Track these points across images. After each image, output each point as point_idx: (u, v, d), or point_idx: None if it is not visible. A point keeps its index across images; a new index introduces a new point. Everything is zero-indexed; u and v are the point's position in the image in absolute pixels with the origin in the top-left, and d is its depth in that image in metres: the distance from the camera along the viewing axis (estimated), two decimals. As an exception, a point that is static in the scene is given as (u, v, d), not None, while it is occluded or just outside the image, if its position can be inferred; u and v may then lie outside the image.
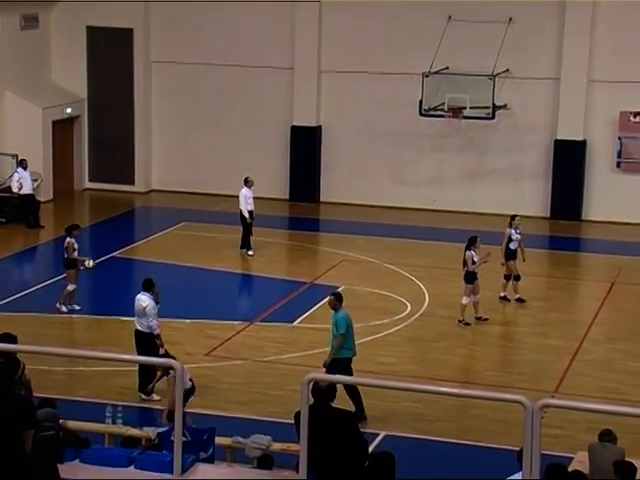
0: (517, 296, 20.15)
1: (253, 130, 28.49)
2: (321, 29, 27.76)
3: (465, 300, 18.83)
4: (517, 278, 20.08)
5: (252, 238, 23.17)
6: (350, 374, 14.36)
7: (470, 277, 18.86)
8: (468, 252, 18.87)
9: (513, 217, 20.54)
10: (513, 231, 20.11)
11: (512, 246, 20.07)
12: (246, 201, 23.08)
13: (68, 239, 19.05)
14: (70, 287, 19.03)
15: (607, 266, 23.12)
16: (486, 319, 18.98)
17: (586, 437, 12.49)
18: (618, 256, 23.66)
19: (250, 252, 23.03)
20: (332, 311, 15.07)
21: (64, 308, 18.96)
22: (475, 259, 18.82)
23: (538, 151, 27.12)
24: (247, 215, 23.00)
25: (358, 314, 19.30)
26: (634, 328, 18.87)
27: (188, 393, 13.80)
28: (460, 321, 18.78)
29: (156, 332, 15.30)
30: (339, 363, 14.56)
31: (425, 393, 13.01)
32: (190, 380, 13.91)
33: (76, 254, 19.02)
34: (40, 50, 28.69)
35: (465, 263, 18.87)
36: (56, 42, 28.95)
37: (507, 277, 20.15)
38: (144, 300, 15.35)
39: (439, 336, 18.43)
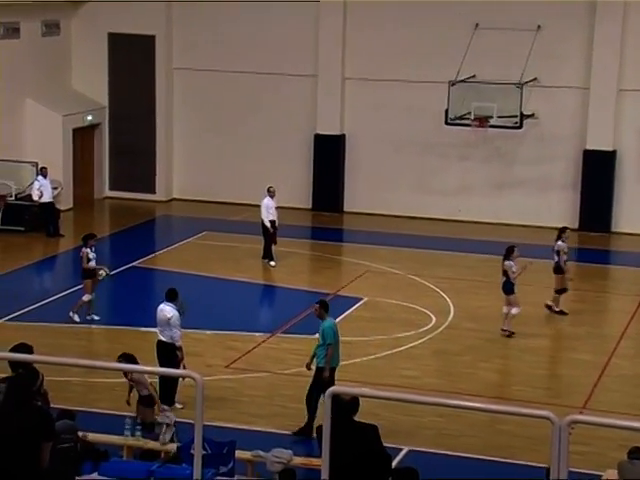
0: (559, 309, 20.16)
1: (276, 138, 28.54)
2: (345, 35, 27.80)
3: (515, 310, 18.82)
4: (562, 291, 20.20)
5: (274, 248, 23.19)
6: (332, 384, 14.47)
7: (509, 287, 18.84)
8: (507, 262, 18.85)
9: (564, 230, 20.56)
10: (565, 244, 20.14)
11: (564, 259, 20.14)
12: (268, 211, 23.10)
13: (84, 249, 19.12)
14: (85, 297, 19.08)
15: (637, 279, 22.98)
16: (512, 333, 18.91)
17: (615, 454, 12.41)
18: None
19: (272, 262, 23.04)
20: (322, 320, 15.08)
21: (76, 317, 19.01)
22: (514, 269, 18.79)
23: (566, 161, 27.02)
24: (269, 225, 23.02)
25: (381, 326, 19.29)
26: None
27: (148, 399, 13.80)
28: (504, 330, 18.86)
29: (178, 344, 15.33)
30: (324, 376, 14.65)
31: (449, 408, 12.99)
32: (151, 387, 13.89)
33: (93, 264, 19.07)
34: (61, 57, 28.88)
35: (505, 273, 18.87)
36: (77, 49, 29.13)
37: (560, 291, 20.14)
38: (168, 311, 15.38)
39: (464, 349, 18.36)
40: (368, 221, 27.45)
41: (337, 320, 19.53)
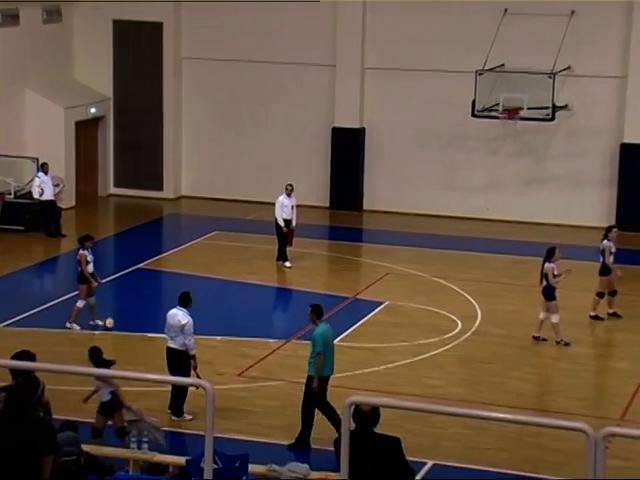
0: (612, 311, 20.09)
1: (291, 132, 28.56)
2: (365, 23, 27.80)
3: (555, 318, 18.71)
4: (614, 293, 20.09)
5: (288, 249, 23.20)
6: (324, 395, 14.54)
7: (550, 292, 18.70)
8: (547, 264, 18.73)
9: (610, 228, 20.46)
10: (612, 244, 19.98)
11: (610, 260, 19.98)
12: (282, 209, 23.12)
13: (81, 251, 19.13)
14: (80, 304, 19.06)
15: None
16: (544, 339, 18.85)
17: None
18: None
19: (287, 264, 23.07)
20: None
21: (76, 327, 19.03)
22: (555, 272, 18.68)
23: (602, 156, 26.93)
24: (282, 224, 23.03)
25: (403, 332, 19.27)
26: None
27: (108, 406, 13.83)
28: (558, 342, 18.69)
29: (192, 352, 15.36)
30: (314, 387, 14.72)
31: (476, 419, 12.95)
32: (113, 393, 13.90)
33: (90, 267, 19.08)
34: (63, 45, 28.98)
35: (544, 277, 18.74)
36: (80, 37, 29.23)
37: (601, 294, 20.01)
38: (182, 316, 15.38)
39: (492, 357, 18.32)
40: (389, 220, 27.43)
41: (357, 325, 19.59)
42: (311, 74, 28.22)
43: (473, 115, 25.61)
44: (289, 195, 23.30)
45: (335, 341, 18.71)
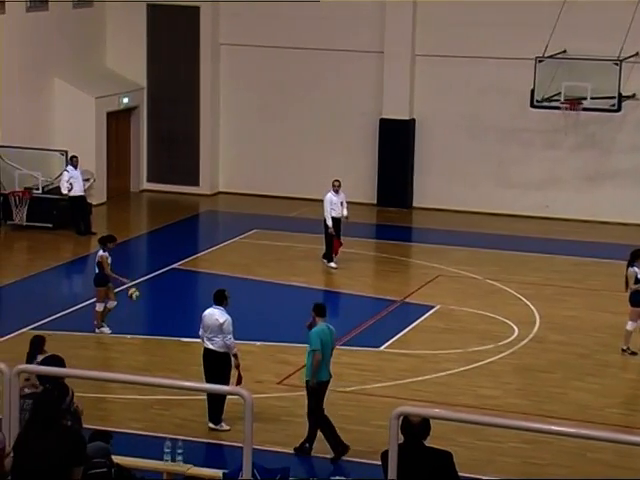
0: None
1: (337, 124, 28.57)
2: (416, 6, 27.74)
3: (630, 326, 18.56)
4: None
5: (340, 250, 23.19)
6: (321, 400, 14.63)
7: (637, 298, 18.51)
8: (631, 269, 18.54)
9: None
10: None
11: None
12: (331, 206, 23.12)
13: (101, 253, 19.24)
14: (99, 307, 19.23)
15: None
16: (634, 353, 18.57)
17: None
18: None
19: (332, 264, 23.08)
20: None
21: (106, 329, 19.17)
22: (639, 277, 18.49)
23: (671, 149, 26.70)
24: (330, 223, 23.02)
25: (456, 338, 19.23)
26: None
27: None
28: (624, 350, 18.55)
29: (234, 351, 15.48)
30: (310, 387, 14.77)
31: (534, 432, 12.87)
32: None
33: (109, 270, 19.22)
34: (94, 31, 29.19)
35: (627, 282, 18.58)
36: (112, 22, 29.42)
37: None
38: (219, 315, 15.51)
39: (552, 366, 18.23)
40: (440, 218, 27.36)
41: (405, 331, 19.59)
42: (358, 61, 28.20)
43: (532, 106, 25.47)
44: (337, 192, 23.30)
45: (382, 348, 18.76)
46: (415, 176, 28.47)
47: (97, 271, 19.29)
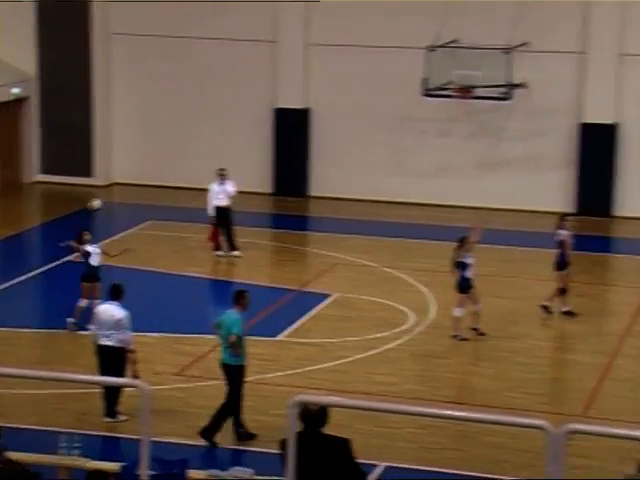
0: (566, 309, 19.90)
1: (231, 113, 28.47)
2: (309, -4, 27.77)
3: (458, 312, 18.73)
4: (563, 292, 19.89)
5: (220, 239, 23.17)
6: (241, 385, 14.75)
7: (463, 284, 18.76)
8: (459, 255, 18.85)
9: (564, 217, 20.37)
10: (568, 232, 19.84)
11: (567, 252, 19.77)
12: (214, 196, 23.21)
13: (82, 247, 18.88)
14: (83, 302, 18.80)
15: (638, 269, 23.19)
16: (482, 334, 18.83)
17: (619, 468, 12.51)
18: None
19: (220, 252, 23.09)
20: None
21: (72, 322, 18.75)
22: (468, 261, 18.72)
23: (561, 137, 27.16)
24: (212, 213, 23.08)
25: (353, 326, 19.32)
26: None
27: None
28: (454, 336, 18.73)
29: (132, 347, 15.32)
30: (233, 371, 14.76)
31: (431, 418, 12.98)
32: None
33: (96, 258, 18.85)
34: (-18, 21, 28.61)
35: (457, 266, 18.82)
36: (0, 11, 28.86)
37: (562, 291, 19.85)
38: (115, 310, 15.34)
39: (447, 351, 18.43)
40: (337, 207, 27.45)
41: (302, 320, 19.65)
42: (251, 51, 28.11)
43: (424, 94, 25.66)
44: (222, 181, 23.27)
45: (279, 337, 18.83)
46: (311, 165, 28.51)
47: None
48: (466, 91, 25.28)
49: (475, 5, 26.36)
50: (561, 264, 19.84)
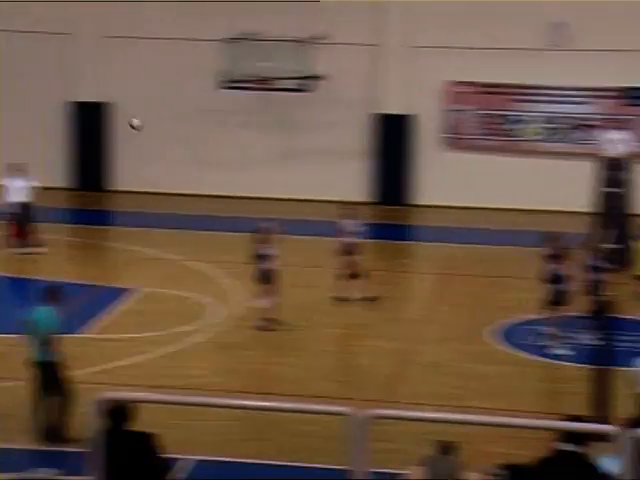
0: (362, 295, 20.29)
1: (21, 107, 27.81)
2: (104, -13, 27.43)
3: (260, 304, 18.92)
4: (356, 276, 20.32)
5: (23, 235, 22.78)
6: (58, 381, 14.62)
7: (266, 275, 18.94)
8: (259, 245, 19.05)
9: (343, 206, 20.75)
10: (350, 222, 20.24)
11: (350, 240, 20.22)
12: (16, 192, 22.83)
13: None
14: None
15: (439, 255, 23.79)
16: (281, 324, 19.06)
17: (421, 450, 12.83)
18: (449, 244, 24.39)
19: (23, 250, 22.70)
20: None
21: None
22: (270, 252, 18.92)
23: (358, 127, 27.63)
24: (9, 209, 22.78)
25: (158, 320, 19.22)
26: (469, 325, 19.49)
27: None
28: (258, 327, 18.90)
29: None
30: (51, 367, 14.62)
31: (236, 409, 13.03)
32: None
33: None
34: None
35: (257, 258, 18.99)
36: None
37: (352, 276, 20.26)
38: None
39: (253, 343, 18.53)
40: (139, 200, 27.22)
41: (105, 316, 19.39)
42: (43, 43, 27.52)
43: (222, 87, 25.69)
44: (17, 176, 22.87)
45: (83, 333, 18.58)
46: (112, 159, 28.16)
47: None
48: (264, 83, 25.43)
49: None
50: (345, 251, 20.24)
